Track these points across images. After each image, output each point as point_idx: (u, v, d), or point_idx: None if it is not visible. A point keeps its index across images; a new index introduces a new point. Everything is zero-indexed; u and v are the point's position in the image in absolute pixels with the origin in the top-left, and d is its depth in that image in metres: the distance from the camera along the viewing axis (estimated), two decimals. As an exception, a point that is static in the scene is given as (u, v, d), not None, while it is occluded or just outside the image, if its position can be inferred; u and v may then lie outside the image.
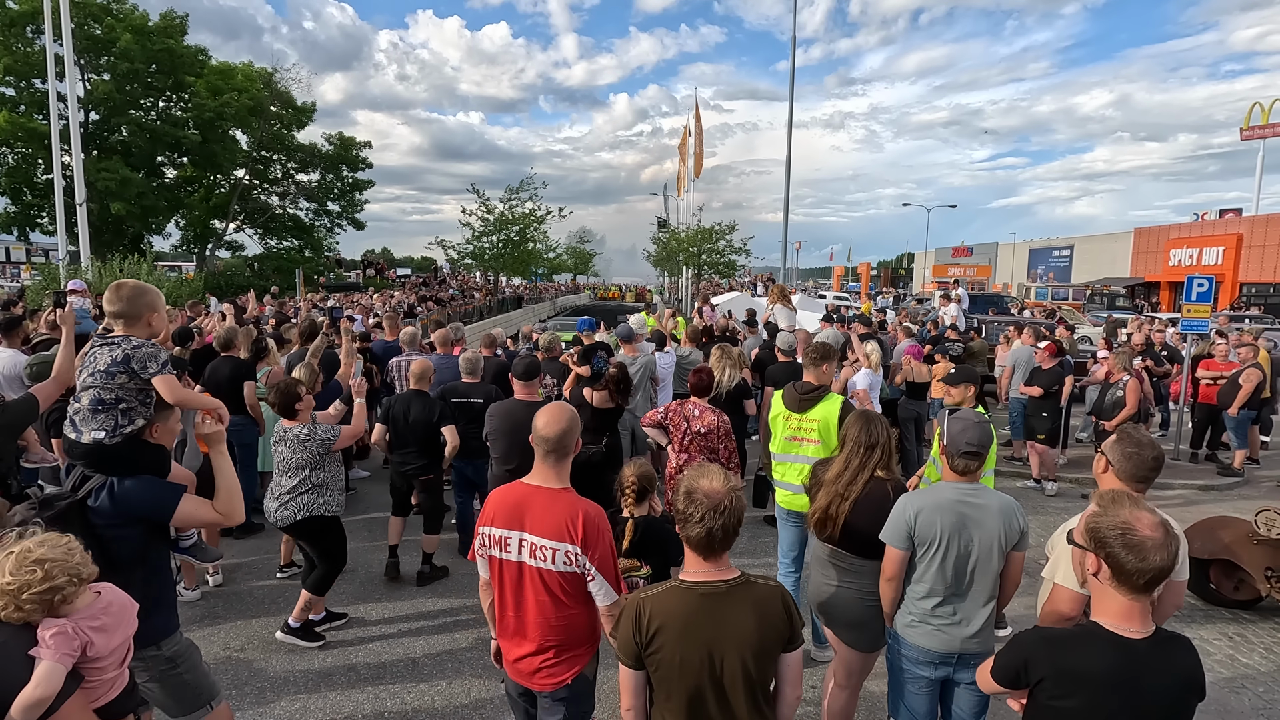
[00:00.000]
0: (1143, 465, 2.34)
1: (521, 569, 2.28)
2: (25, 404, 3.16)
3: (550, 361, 6.37)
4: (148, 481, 2.42)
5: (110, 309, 2.51)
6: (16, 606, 1.56)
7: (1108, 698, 1.72)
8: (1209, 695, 3.88)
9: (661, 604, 1.91)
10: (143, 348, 2.46)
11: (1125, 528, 1.71)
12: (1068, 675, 1.77)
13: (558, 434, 2.29)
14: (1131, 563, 1.69)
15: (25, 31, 23.86)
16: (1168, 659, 1.75)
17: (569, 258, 57.02)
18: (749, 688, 1.88)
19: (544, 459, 2.33)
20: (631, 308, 34.46)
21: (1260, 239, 34.28)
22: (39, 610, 1.59)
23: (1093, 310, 28.52)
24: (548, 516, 2.25)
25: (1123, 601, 1.75)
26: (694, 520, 1.89)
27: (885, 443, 2.99)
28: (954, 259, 57.08)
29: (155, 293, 2.60)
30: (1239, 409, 8.13)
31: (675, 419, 4.58)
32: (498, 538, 2.31)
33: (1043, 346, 7.96)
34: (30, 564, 1.58)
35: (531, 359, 4.16)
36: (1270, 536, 4.84)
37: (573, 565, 2.22)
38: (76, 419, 2.41)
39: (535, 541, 2.24)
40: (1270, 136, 38.92)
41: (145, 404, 2.49)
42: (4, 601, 1.56)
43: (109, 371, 2.41)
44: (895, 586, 2.71)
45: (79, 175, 15.60)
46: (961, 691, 2.65)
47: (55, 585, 1.60)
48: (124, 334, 2.50)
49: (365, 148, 34.85)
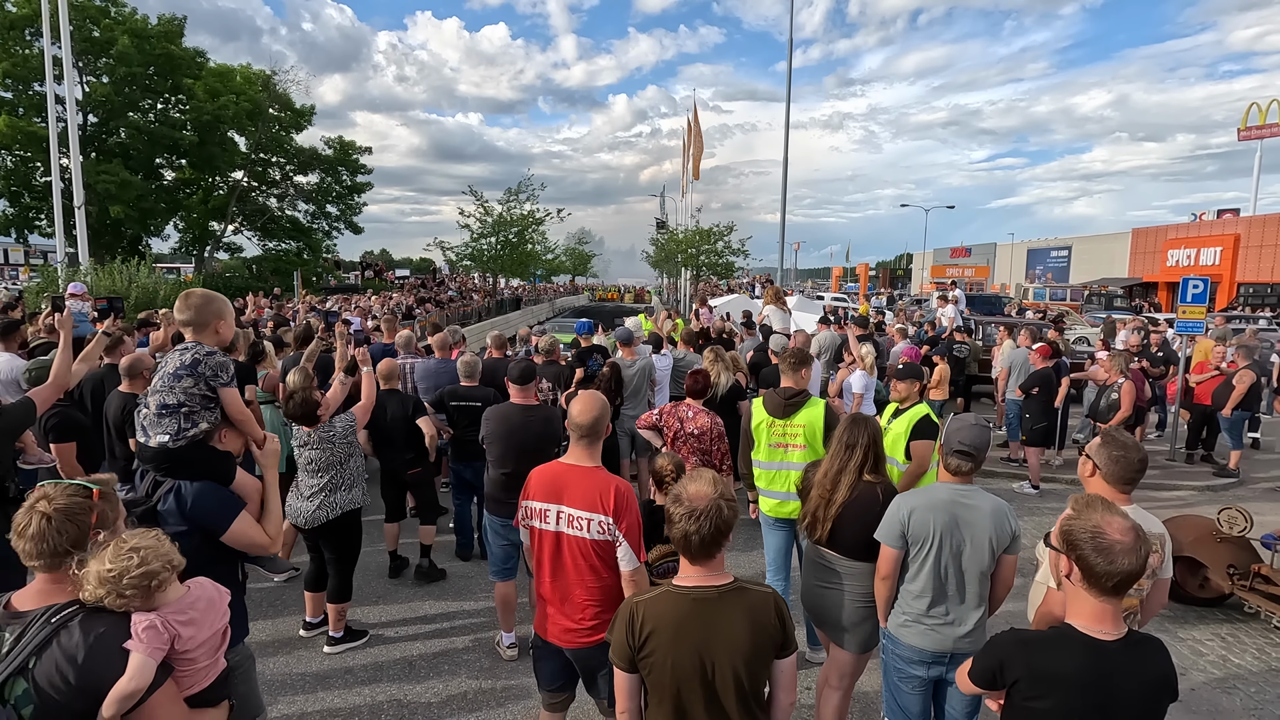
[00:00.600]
0: (1129, 468, 2.38)
1: (560, 538, 2.59)
2: (22, 408, 3.18)
3: (549, 365, 6.38)
4: (211, 491, 2.45)
5: (179, 318, 2.58)
6: (118, 594, 1.62)
7: (1079, 698, 1.75)
8: (1201, 695, 3.94)
9: (654, 608, 1.93)
10: (214, 356, 2.53)
11: (1096, 531, 1.74)
12: (1041, 677, 1.80)
13: (591, 420, 2.62)
14: (1100, 565, 1.72)
15: (24, 34, 23.87)
16: (1139, 660, 1.77)
17: (568, 259, 57.05)
18: (740, 693, 1.89)
19: (578, 442, 2.66)
20: (631, 309, 34.49)
21: (1258, 239, 34.34)
22: (138, 598, 1.65)
23: (1091, 311, 28.55)
24: (583, 491, 2.57)
25: (1094, 604, 1.77)
26: (675, 522, 1.92)
27: (866, 444, 3.00)
28: (952, 259, 57.15)
29: (223, 300, 2.67)
30: (1233, 410, 8.16)
31: (669, 420, 4.60)
32: (538, 510, 2.64)
33: (1036, 348, 7.99)
34: (127, 551, 1.65)
35: (527, 363, 4.17)
36: (1233, 534, 4.89)
37: (605, 534, 2.52)
38: (145, 423, 2.45)
39: (571, 513, 2.57)
40: (1268, 137, 38.98)
41: (209, 409, 2.51)
42: (107, 589, 1.61)
43: (175, 374, 2.45)
44: (890, 585, 2.74)
45: (78, 178, 15.59)
46: (954, 691, 2.67)
47: (150, 570, 1.65)
48: (194, 341, 2.56)
49: (365, 153, 34.86)
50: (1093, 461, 2.47)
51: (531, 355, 6.95)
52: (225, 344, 2.66)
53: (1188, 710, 3.83)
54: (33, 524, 1.62)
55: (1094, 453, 2.47)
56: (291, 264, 30.88)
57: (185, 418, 2.43)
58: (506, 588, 4.09)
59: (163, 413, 2.42)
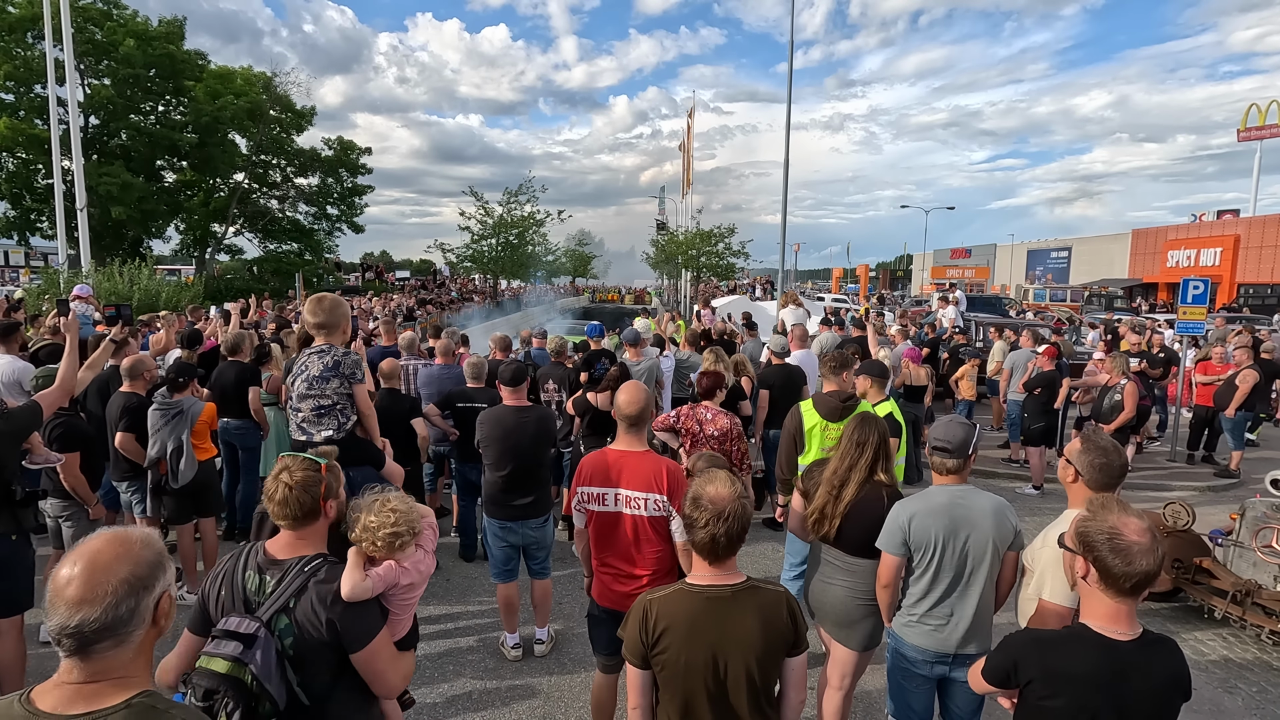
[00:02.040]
0: (1109, 473, 2.38)
1: (619, 517, 2.82)
2: (28, 411, 3.21)
3: (556, 366, 6.37)
4: (372, 478, 2.85)
5: (314, 320, 2.99)
6: (373, 542, 1.97)
7: (1094, 697, 1.76)
8: (1203, 694, 3.95)
9: (668, 606, 1.95)
10: (351, 355, 2.97)
11: (1113, 532, 1.75)
12: (1055, 676, 1.81)
13: (639, 410, 2.89)
14: (1119, 567, 1.72)
15: (25, 37, 23.89)
16: (1154, 660, 1.78)
17: (568, 260, 57.04)
18: (752, 691, 1.91)
19: (627, 430, 2.92)
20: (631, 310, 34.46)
21: (1258, 240, 34.38)
22: (386, 550, 1.98)
23: (1091, 311, 28.57)
24: (638, 473, 2.81)
25: (1110, 604, 1.78)
26: (699, 526, 1.93)
27: (877, 443, 3.01)
28: (952, 260, 57.22)
29: (346, 304, 3.08)
30: (1236, 410, 8.17)
31: (688, 423, 4.57)
32: (595, 494, 2.86)
33: (1043, 350, 8.01)
34: (388, 510, 2.01)
35: (519, 364, 4.17)
36: (1176, 529, 4.92)
37: (660, 511, 2.76)
38: (305, 425, 2.88)
39: (629, 494, 2.80)
40: (1267, 138, 39.06)
41: (351, 405, 2.96)
42: (368, 537, 1.97)
43: (323, 377, 2.90)
44: (892, 593, 2.75)
45: (79, 180, 15.59)
46: (958, 689, 2.69)
47: (398, 532, 1.99)
48: (327, 343, 2.99)
49: (365, 154, 34.88)
50: (1074, 467, 2.46)
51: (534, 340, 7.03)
52: (348, 341, 3.12)
53: (1189, 710, 3.82)
54: (279, 491, 1.91)
55: (1074, 457, 2.46)
56: (293, 265, 30.88)
57: (340, 414, 2.90)
58: (508, 589, 4.10)
59: (321, 413, 2.88)
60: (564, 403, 5.94)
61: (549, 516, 4.17)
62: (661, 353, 7.19)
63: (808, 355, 7.12)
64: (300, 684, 1.82)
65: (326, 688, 1.87)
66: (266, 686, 1.73)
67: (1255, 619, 4.53)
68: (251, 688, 1.72)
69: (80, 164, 15.97)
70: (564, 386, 6.15)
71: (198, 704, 1.67)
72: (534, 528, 4.01)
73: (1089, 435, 2.53)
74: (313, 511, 1.95)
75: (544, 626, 4.26)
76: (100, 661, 1.22)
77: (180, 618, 1.79)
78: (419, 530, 2.08)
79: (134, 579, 1.24)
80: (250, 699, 1.72)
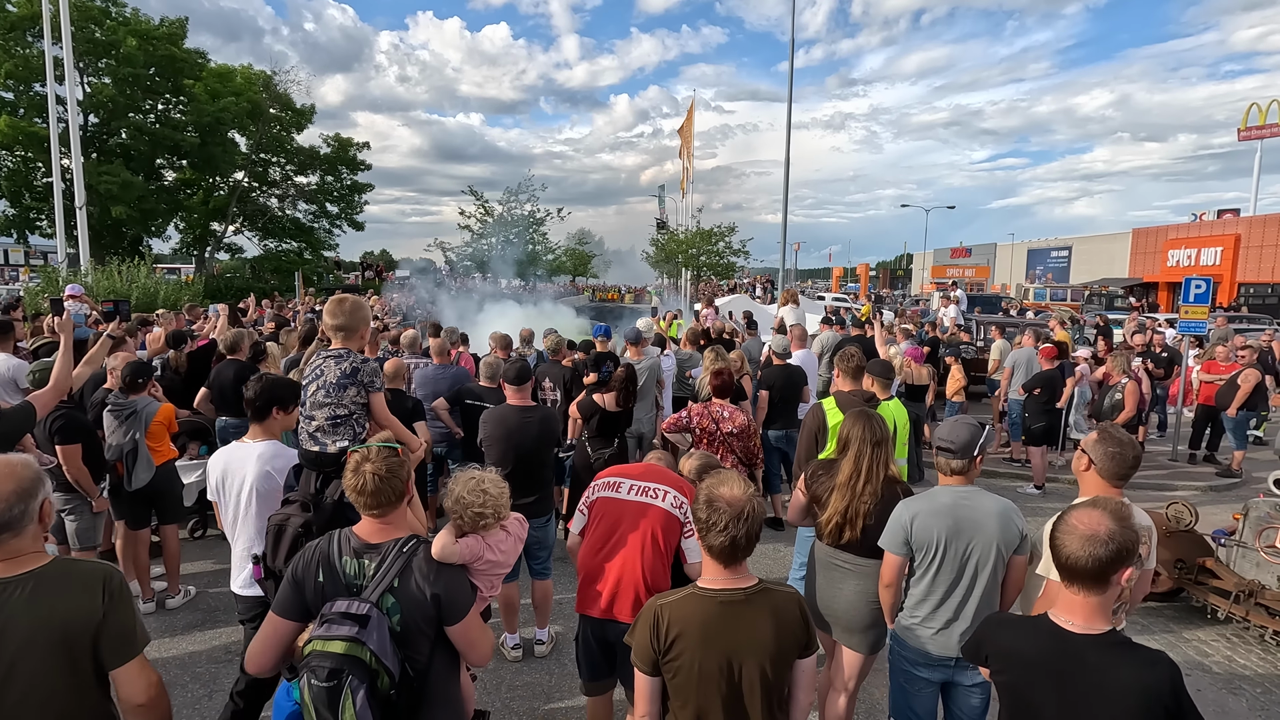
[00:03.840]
0: (1124, 464, 2.42)
1: (625, 507, 2.73)
2: (21, 412, 3.18)
3: (554, 365, 6.34)
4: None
5: (334, 322, 2.87)
6: (461, 515, 2.10)
7: (1034, 679, 1.78)
8: (1207, 696, 3.93)
9: (680, 611, 1.91)
10: (369, 363, 2.88)
11: (1068, 520, 1.77)
12: (1004, 654, 1.88)
13: None
14: (1063, 551, 1.75)
15: (25, 35, 23.83)
16: (1112, 663, 1.70)
17: (568, 259, 56.96)
18: (766, 694, 1.89)
19: (650, 455, 3.06)
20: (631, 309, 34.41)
21: (1258, 239, 34.34)
22: (471, 525, 2.11)
23: (1091, 311, 28.54)
24: (661, 476, 2.79)
25: (1066, 595, 1.80)
26: (717, 529, 1.88)
27: (888, 440, 2.99)
28: (953, 260, 57.13)
29: (368, 306, 2.96)
30: (1237, 410, 8.15)
31: (704, 422, 4.51)
32: (610, 482, 2.82)
33: (1042, 349, 7.98)
34: (478, 490, 2.13)
35: (523, 363, 4.15)
36: (1180, 529, 4.89)
37: (677, 509, 2.68)
38: (318, 434, 2.79)
39: (646, 485, 2.75)
40: (1268, 137, 38.97)
41: (366, 414, 2.89)
42: (459, 509, 2.10)
43: (340, 385, 2.77)
44: (894, 592, 2.72)
45: (79, 178, 15.56)
46: (962, 693, 2.66)
47: (483, 513, 2.11)
48: (344, 347, 2.86)
49: (363, 148, 34.77)
50: (1088, 456, 2.48)
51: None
52: (365, 345, 3.02)
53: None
54: (369, 483, 1.96)
55: (1090, 447, 2.48)
56: (293, 264, 30.84)
57: (356, 423, 2.82)
58: (509, 589, 4.07)
59: (336, 422, 2.77)
60: (559, 401, 5.91)
61: (551, 517, 4.15)
62: (663, 352, 7.17)
63: (808, 355, 7.11)
64: (405, 659, 1.92)
65: (427, 660, 1.98)
66: (385, 662, 1.83)
67: (1259, 619, 4.51)
68: (370, 664, 1.81)
69: (80, 162, 15.93)
70: (559, 385, 6.12)
71: (321, 685, 1.77)
72: (536, 528, 3.98)
73: (1107, 428, 2.54)
74: (401, 495, 2.04)
75: (544, 627, 4.24)
76: (5, 549, 1.70)
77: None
78: (504, 516, 2.19)
79: (20, 490, 1.70)
80: (373, 676, 1.82)
